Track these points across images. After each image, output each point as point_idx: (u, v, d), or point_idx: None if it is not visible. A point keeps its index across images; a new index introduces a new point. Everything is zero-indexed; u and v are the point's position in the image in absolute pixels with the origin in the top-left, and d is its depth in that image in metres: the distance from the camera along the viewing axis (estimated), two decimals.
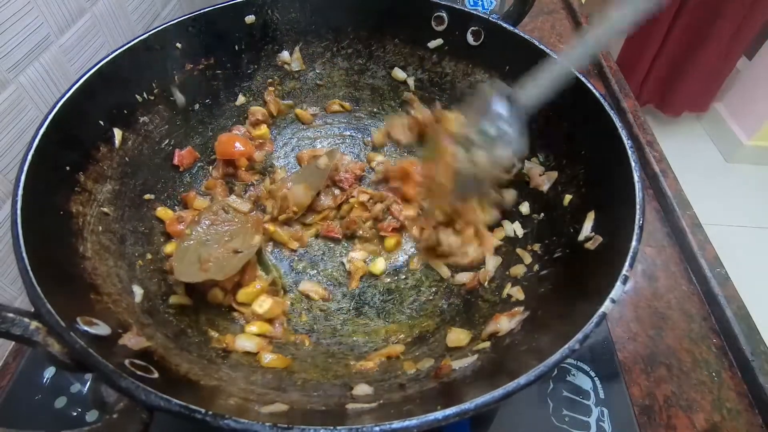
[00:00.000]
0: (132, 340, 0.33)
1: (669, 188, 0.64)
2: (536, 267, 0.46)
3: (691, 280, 0.57)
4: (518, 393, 0.28)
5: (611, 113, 0.43)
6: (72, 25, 0.55)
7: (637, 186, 0.38)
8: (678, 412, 0.46)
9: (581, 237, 0.42)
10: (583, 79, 0.46)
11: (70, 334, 0.28)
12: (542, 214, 0.50)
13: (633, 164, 0.40)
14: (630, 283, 0.36)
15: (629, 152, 0.40)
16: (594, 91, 0.45)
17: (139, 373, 0.28)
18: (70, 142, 0.41)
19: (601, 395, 0.45)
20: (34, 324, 0.28)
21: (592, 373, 0.47)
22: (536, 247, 0.48)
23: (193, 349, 0.39)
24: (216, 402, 0.31)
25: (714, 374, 0.49)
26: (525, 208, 0.51)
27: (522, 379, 0.28)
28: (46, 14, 0.50)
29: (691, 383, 0.48)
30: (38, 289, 0.29)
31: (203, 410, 0.25)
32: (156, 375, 0.30)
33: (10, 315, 0.28)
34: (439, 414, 0.26)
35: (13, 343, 0.49)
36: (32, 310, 0.29)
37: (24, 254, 0.31)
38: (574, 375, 0.47)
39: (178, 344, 0.38)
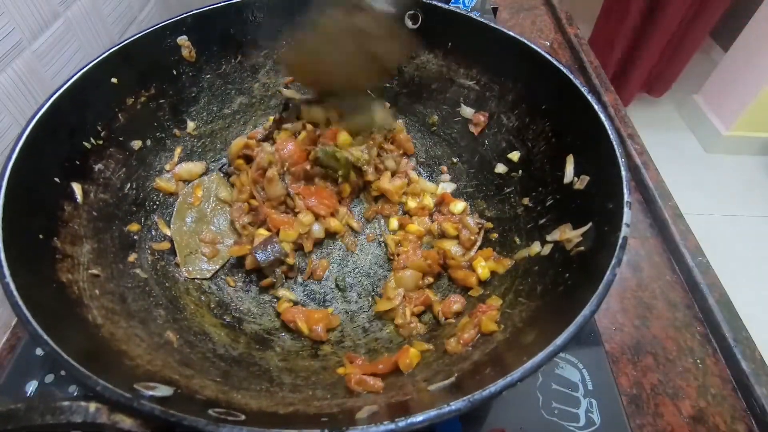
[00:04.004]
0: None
1: (650, 180, 0.65)
2: (533, 218, 0.47)
3: (674, 269, 0.58)
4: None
5: (560, 66, 0.46)
6: (45, 30, 0.53)
7: (606, 124, 0.41)
8: (665, 399, 0.47)
9: (566, 180, 0.44)
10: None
11: (141, 403, 0.26)
12: (521, 171, 0.52)
13: (595, 106, 0.42)
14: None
15: (588, 97, 0.43)
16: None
17: (230, 419, 0.28)
18: (33, 207, 0.39)
19: (590, 386, 0.46)
20: (93, 405, 0.26)
21: (580, 365, 0.47)
22: (526, 200, 0.49)
23: (245, 385, 0.38)
24: (306, 425, 0.31)
25: (698, 361, 0.50)
26: (501, 168, 0.53)
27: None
28: (17, 19, 0.49)
29: (677, 371, 0.49)
30: (82, 369, 0.28)
31: None
32: (243, 417, 0.29)
33: (66, 404, 0.26)
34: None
35: None
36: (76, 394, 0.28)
37: (47, 338, 0.29)
38: (562, 368, 0.47)
39: (229, 383, 0.37)
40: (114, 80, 0.48)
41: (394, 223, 0.56)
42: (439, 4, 0.54)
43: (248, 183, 0.54)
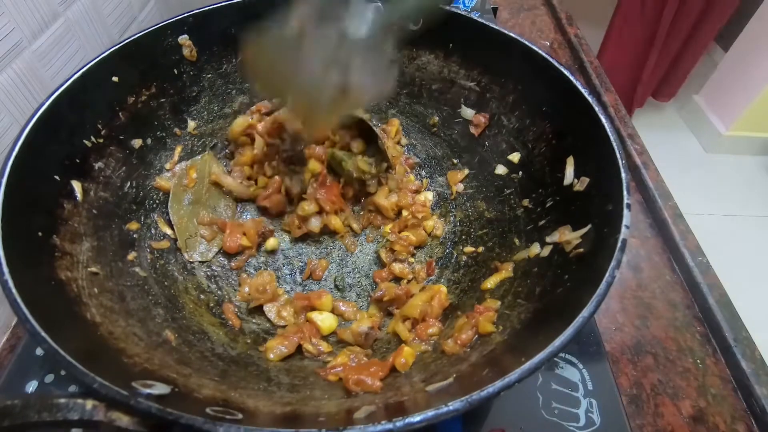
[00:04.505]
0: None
1: (650, 180, 0.65)
2: (532, 219, 0.47)
3: (674, 269, 0.58)
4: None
5: (560, 67, 0.46)
6: (45, 30, 0.53)
7: (606, 124, 0.41)
8: (665, 399, 0.47)
9: (566, 182, 0.44)
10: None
11: (138, 400, 0.26)
12: (521, 173, 0.52)
13: (595, 107, 0.42)
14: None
15: (588, 98, 0.43)
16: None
17: (228, 417, 0.28)
18: (32, 204, 0.39)
19: (590, 386, 0.46)
20: (90, 403, 0.26)
21: (580, 365, 0.47)
22: (526, 202, 0.49)
23: (243, 384, 0.38)
24: (304, 425, 0.31)
25: (698, 361, 0.50)
26: (501, 169, 0.53)
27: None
28: (17, 19, 0.49)
29: (677, 371, 0.49)
30: (80, 366, 0.27)
31: None
32: (240, 416, 0.29)
33: (63, 401, 0.26)
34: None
35: None
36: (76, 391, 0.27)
37: (45, 335, 0.29)
38: (562, 368, 0.47)
39: (227, 382, 0.37)
40: (115, 79, 0.48)
41: (387, 228, 0.55)
42: (440, 5, 0.54)
43: (260, 152, 0.54)
